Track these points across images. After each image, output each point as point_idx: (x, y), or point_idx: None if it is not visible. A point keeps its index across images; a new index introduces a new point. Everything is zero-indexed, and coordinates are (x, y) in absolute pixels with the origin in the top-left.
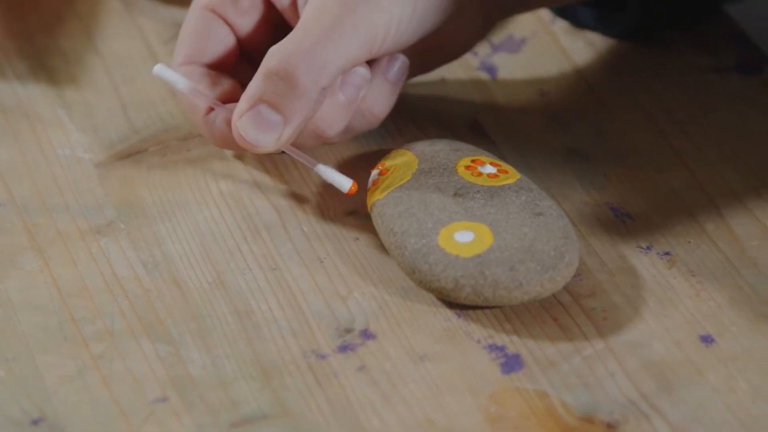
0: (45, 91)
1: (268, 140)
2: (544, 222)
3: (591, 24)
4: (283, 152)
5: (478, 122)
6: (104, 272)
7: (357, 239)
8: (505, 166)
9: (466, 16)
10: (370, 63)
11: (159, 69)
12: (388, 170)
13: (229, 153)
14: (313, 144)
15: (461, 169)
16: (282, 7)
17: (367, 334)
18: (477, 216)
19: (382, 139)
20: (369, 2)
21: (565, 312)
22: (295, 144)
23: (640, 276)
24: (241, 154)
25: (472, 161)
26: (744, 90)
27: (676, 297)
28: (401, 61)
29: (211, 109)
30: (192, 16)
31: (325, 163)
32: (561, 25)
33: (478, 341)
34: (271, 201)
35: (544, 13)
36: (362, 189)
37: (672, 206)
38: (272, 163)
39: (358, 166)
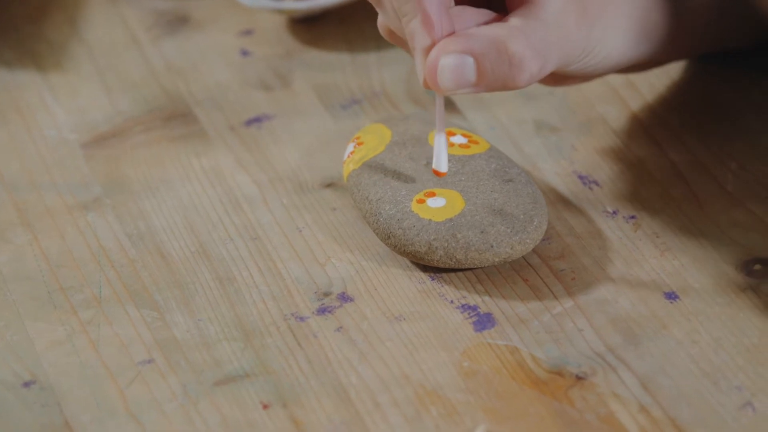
0: (31, 77)
1: (445, 84)
2: (514, 188)
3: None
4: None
5: (449, 97)
6: (91, 244)
7: (334, 209)
8: (475, 137)
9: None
10: None
11: None
12: (363, 143)
13: (211, 131)
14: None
15: (433, 140)
16: None
17: (344, 297)
18: (449, 183)
19: (357, 117)
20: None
21: (535, 273)
22: None
23: (607, 238)
24: None
25: None
26: (704, 64)
27: (642, 257)
28: None
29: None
30: None
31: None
32: None
33: (452, 302)
34: (251, 176)
35: None
36: (339, 161)
37: (637, 173)
38: (253, 139)
39: (335, 140)
